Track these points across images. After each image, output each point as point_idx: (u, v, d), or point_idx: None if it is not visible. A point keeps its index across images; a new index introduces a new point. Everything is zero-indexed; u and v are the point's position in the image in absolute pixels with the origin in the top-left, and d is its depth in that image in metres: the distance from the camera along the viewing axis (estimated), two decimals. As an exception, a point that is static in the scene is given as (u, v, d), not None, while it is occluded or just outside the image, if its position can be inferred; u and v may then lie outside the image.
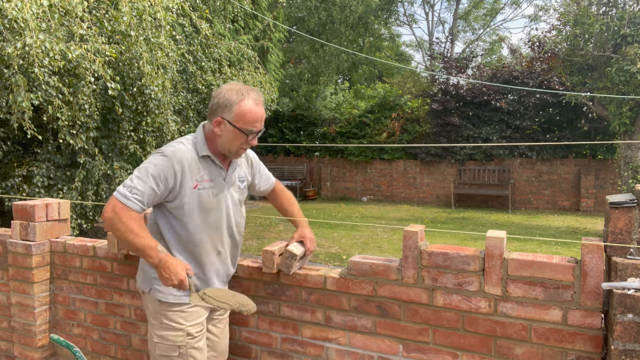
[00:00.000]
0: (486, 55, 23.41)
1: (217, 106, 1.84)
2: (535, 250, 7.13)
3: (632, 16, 8.65)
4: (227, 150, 1.89)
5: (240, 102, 1.81)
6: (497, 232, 1.80)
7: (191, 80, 8.23)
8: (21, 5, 4.41)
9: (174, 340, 1.90)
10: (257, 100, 1.85)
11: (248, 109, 1.82)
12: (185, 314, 1.92)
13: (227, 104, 1.82)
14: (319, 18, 16.53)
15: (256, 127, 1.85)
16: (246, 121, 1.82)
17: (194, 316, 1.93)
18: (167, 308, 1.92)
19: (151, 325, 1.97)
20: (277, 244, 2.21)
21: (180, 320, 1.91)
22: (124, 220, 1.73)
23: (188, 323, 1.92)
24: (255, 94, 1.86)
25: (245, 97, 1.82)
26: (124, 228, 1.73)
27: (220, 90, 1.85)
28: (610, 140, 10.55)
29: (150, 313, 1.98)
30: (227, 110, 1.82)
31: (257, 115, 1.84)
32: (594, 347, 1.65)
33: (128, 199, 1.75)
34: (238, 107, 1.81)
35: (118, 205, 1.75)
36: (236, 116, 1.81)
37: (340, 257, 6.80)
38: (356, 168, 13.82)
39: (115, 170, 6.48)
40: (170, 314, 1.91)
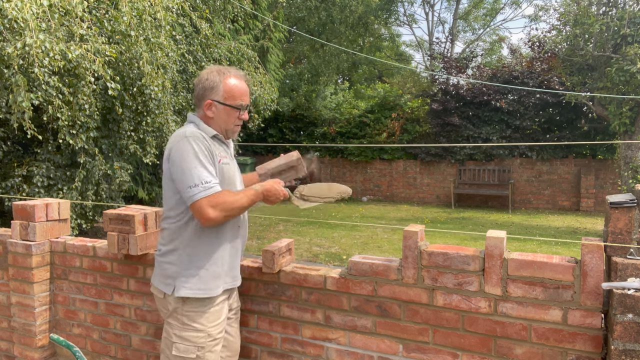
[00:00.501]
0: (486, 55, 23.41)
1: (204, 90, 1.90)
2: (535, 250, 7.13)
3: (632, 16, 8.65)
4: (223, 130, 1.95)
5: (224, 80, 1.89)
6: (497, 232, 1.80)
7: (191, 80, 8.23)
8: (21, 5, 4.41)
9: (195, 342, 1.87)
10: (238, 75, 1.93)
11: (234, 84, 1.90)
12: (207, 314, 1.89)
13: (213, 85, 1.88)
14: (319, 18, 16.53)
15: (244, 100, 1.93)
16: (234, 96, 1.90)
17: (214, 316, 1.91)
18: (189, 307, 1.88)
19: (170, 325, 1.92)
20: (277, 244, 2.20)
21: (203, 321, 1.88)
22: (227, 205, 1.79)
23: (210, 324, 1.90)
24: (235, 70, 1.94)
25: (226, 75, 1.90)
26: (231, 208, 1.81)
27: (201, 76, 1.92)
28: (610, 140, 10.55)
29: (169, 314, 1.92)
30: (215, 91, 1.89)
31: (243, 89, 1.92)
32: (594, 347, 1.65)
33: (211, 188, 1.77)
34: (224, 85, 1.88)
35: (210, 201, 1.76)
36: (224, 94, 1.89)
37: (340, 257, 6.80)
38: (356, 168, 13.82)
39: (115, 170, 6.48)
40: (192, 314, 1.88)
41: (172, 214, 1.91)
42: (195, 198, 1.75)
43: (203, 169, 1.78)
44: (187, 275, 1.88)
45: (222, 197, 1.78)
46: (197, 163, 1.78)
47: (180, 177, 1.79)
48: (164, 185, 1.92)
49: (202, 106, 1.91)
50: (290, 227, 9.18)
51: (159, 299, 1.96)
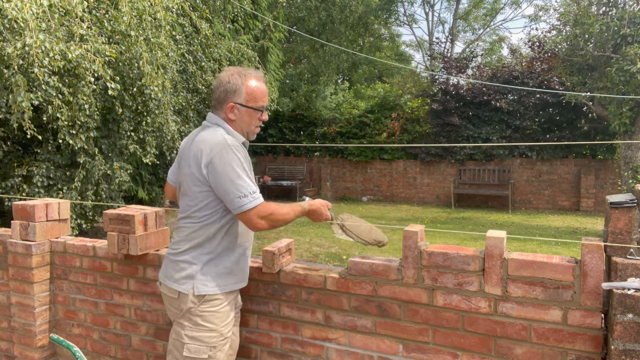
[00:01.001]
0: (486, 55, 23.42)
1: (226, 93, 1.91)
2: (535, 250, 7.13)
3: (632, 16, 8.65)
4: (245, 132, 1.98)
5: (246, 82, 1.92)
6: (497, 232, 1.80)
7: (191, 80, 8.24)
8: (21, 5, 4.41)
9: (207, 342, 1.89)
10: (258, 77, 1.97)
11: (255, 86, 1.93)
12: (219, 314, 1.91)
13: (235, 88, 1.91)
14: (319, 18, 16.53)
15: (265, 101, 1.98)
16: (256, 98, 1.93)
17: (225, 315, 1.94)
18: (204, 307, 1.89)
19: (181, 326, 1.92)
20: (277, 244, 2.20)
21: (216, 320, 1.90)
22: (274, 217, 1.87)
23: (221, 323, 1.92)
24: (254, 71, 1.98)
25: (248, 76, 1.93)
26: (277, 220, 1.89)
27: (222, 78, 1.93)
28: (610, 140, 10.55)
29: (182, 314, 1.93)
30: (237, 94, 1.91)
31: (263, 90, 1.97)
32: (594, 347, 1.65)
33: (258, 199, 1.84)
34: (246, 88, 1.91)
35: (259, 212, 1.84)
36: (247, 96, 1.91)
37: (340, 257, 6.80)
38: (356, 168, 13.82)
39: (115, 170, 6.48)
40: (206, 314, 1.89)
41: (198, 215, 1.91)
42: (245, 208, 1.82)
43: (249, 179, 1.85)
44: (207, 273, 1.90)
45: (270, 209, 1.86)
46: (243, 174, 1.83)
47: (227, 187, 1.82)
48: (192, 187, 1.90)
49: (223, 109, 1.93)
50: (290, 227, 9.19)
51: (172, 299, 1.95)
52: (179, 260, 1.93)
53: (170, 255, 1.98)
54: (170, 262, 1.97)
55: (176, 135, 7.14)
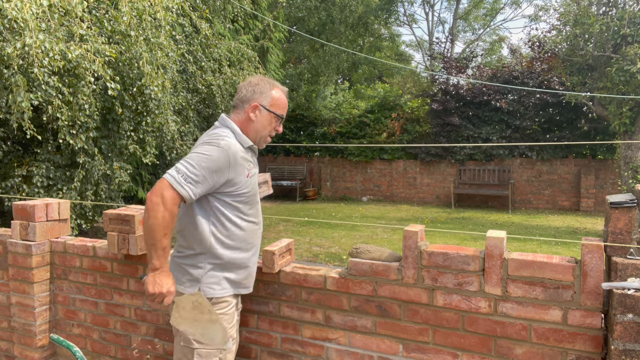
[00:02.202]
0: (486, 55, 23.42)
1: (253, 93, 1.98)
2: (535, 250, 7.13)
3: (632, 16, 8.65)
4: (258, 136, 2.01)
5: (273, 89, 2.02)
6: (497, 232, 1.80)
7: (191, 80, 8.23)
8: (21, 5, 4.41)
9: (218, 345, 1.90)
10: (283, 90, 2.08)
11: (279, 96, 2.03)
12: (226, 316, 1.93)
13: (263, 90, 1.99)
14: (318, 18, 16.52)
15: (284, 113, 2.06)
16: (279, 106, 2.02)
17: (231, 318, 1.96)
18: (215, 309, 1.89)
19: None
20: (277, 244, 2.20)
21: (224, 323, 1.91)
22: (165, 213, 1.71)
23: (229, 326, 1.93)
24: (280, 85, 2.09)
25: (275, 86, 2.04)
26: (160, 220, 1.71)
27: (250, 81, 2.02)
28: (610, 140, 10.54)
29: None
30: (264, 97, 1.98)
31: (285, 103, 2.06)
32: (594, 347, 1.65)
33: (181, 186, 1.73)
34: (272, 94, 2.00)
35: (168, 190, 1.72)
36: (272, 101, 1.99)
37: (340, 257, 6.80)
38: (356, 168, 13.81)
39: (114, 170, 6.48)
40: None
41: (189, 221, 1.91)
42: (167, 176, 1.74)
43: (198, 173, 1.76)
44: (213, 276, 1.90)
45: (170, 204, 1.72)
46: (199, 166, 1.76)
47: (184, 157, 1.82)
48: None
49: (245, 108, 1.97)
50: (290, 227, 9.18)
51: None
52: (185, 264, 1.92)
53: (176, 258, 1.97)
54: (176, 264, 1.96)
55: (176, 135, 7.14)
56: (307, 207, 12.01)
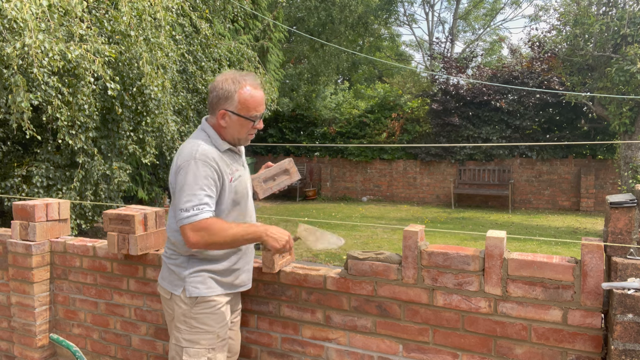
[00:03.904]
0: (486, 55, 23.41)
1: (218, 99, 1.85)
2: (535, 250, 7.13)
3: (632, 16, 8.65)
4: (236, 139, 1.92)
5: (239, 90, 1.83)
6: (497, 232, 1.80)
7: (191, 80, 8.23)
8: (20, 5, 4.41)
9: (205, 344, 1.89)
10: (254, 84, 1.86)
11: (249, 94, 1.84)
12: (215, 316, 1.91)
13: (227, 95, 1.83)
14: (318, 18, 16.53)
15: (259, 110, 1.88)
16: (249, 107, 1.85)
17: (221, 317, 1.93)
18: (199, 309, 1.89)
19: (177, 329, 1.92)
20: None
21: (212, 322, 1.90)
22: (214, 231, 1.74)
23: (218, 325, 1.92)
24: (251, 78, 1.87)
25: (242, 84, 1.84)
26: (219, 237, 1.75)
27: (216, 83, 1.86)
28: (610, 140, 10.55)
29: (177, 317, 1.93)
30: (229, 101, 1.83)
31: (258, 100, 1.86)
32: (594, 347, 1.65)
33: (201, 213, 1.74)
34: (239, 96, 1.83)
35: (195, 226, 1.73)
36: (239, 105, 1.83)
37: (340, 257, 6.80)
38: (356, 168, 13.81)
39: (114, 170, 6.48)
40: (201, 316, 1.90)
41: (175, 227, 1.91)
42: (183, 223, 1.75)
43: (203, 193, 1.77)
44: (197, 276, 1.91)
45: (207, 223, 1.74)
46: (200, 188, 1.76)
47: (178, 199, 1.79)
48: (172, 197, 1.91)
49: (215, 114, 1.88)
50: (290, 227, 9.18)
51: (165, 299, 1.99)
52: (170, 263, 1.96)
53: (164, 257, 2.01)
54: (165, 263, 2.00)
55: (176, 136, 7.14)
56: (307, 207, 12.01)
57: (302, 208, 11.91)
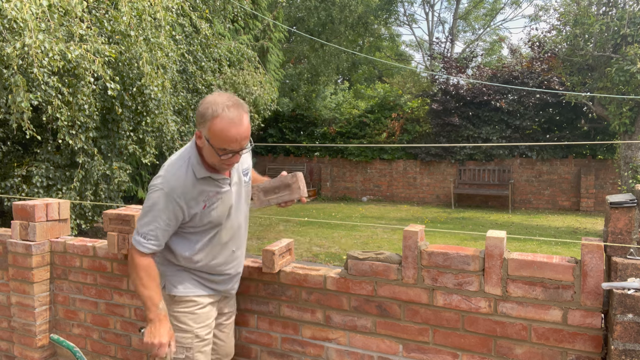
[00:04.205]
0: (486, 55, 23.41)
1: (198, 117, 1.74)
2: (535, 250, 7.13)
3: (632, 16, 8.65)
4: (212, 163, 1.79)
5: (213, 119, 1.67)
6: (497, 232, 1.80)
7: (191, 80, 8.23)
8: (20, 5, 4.41)
9: (182, 342, 1.90)
10: (233, 118, 1.67)
11: (220, 128, 1.66)
12: (194, 315, 1.92)
13: (203, 118, 1.70)
14: (318, 18, 16.53)
15: (232, 147, 1.70)
16: (220, 139, 1.68)
17: (202, 318, 1.93)
18: (177, 307, 1.92)
19: None
20: (277, 244, 2.20)
21: (190, 322, 1.91)
22: (137, 269, 1.81)
23: (197, 325, 1.92)
24: (233, 111, 1.67)
25: (219, 113, 1.66)
26: (136, 276, 1.81)
27: (203, 100, 1.75)
28: (610, 140, 10.55)
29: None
30: (203, 125, 1.71)
31: (229, 136, 1.67)
32: (594, 347, 1.65)
33: (142, 245, 1.80)
34: (211, 124, 1.67)
35: (134, 251, 1.82)
36: (210, 133, 1.69)
37: (340, 257, 6.80)
38: (356, 168, 13.82)
39: (114, 170, 6.48)
40: (179, 314, 1.91)
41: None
42: (132, 240, 1.83)
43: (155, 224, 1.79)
44: (173, 275, 1.95)
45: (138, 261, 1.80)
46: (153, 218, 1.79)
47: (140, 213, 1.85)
48: None
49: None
50: (290, 227, 9.18)
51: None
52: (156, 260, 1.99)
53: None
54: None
55: (176, 136, 7.14)
56: (307, 207, 12.01)
57: (302, 208, 11.91)
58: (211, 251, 1.93)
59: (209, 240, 1.91)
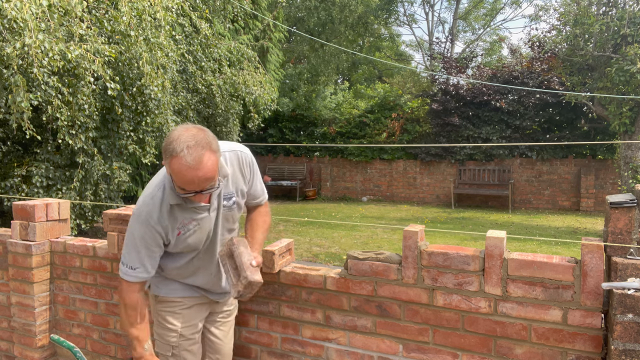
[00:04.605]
0: (486, 55, 23.40)
1: (162, 150, 1.65)
2: (535, 250, 7.13)
3: (632, 16, 8.65)
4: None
5: (172, 158, 1.58)
6: (497, 232, 1.80)
7: (191, 80, 8.23)
8: (20, 5, 4.41)
9: (167, 340, 1.92)
10: (190, 162, 1.55)
11: (177, 169, 1.58)
12: (178, 315, 1.93)
13: (165, 154, 1.62)
14: (318, 18, 16.54)
15: (188, 188, 1.61)
16: (176, 180, 1.62)
17: (186, 318, 1.94)
18: (162, 306, 1.94)
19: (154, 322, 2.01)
20: (277, 244, 2.20)
21: (174, 321, 1.92)
22: (127, 308, 1.81)
23: (180, 324, 1.92)
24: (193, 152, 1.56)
25: (177, 154, 1.56)
26: (125, 314, 1.82)
27: (170, 133, 1.65)
28: (610, 140, 10.55)
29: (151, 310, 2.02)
30: (165, 161, 1.63)
31: (186, 179, 1.58)
32: (594, 347, 1.65)
33: (128, 275, 1.79)
34: (170, 162, 1.59)
35: (122, 283, 1.81)
36: (170, 170, 1.62)
37: (340, 257, 6.80)
38: (356, 168, 13.81)
39: (114, 170, 6.48)
40: (164, 313, 1.93)
41: None
42: (120, 274, 1.82)
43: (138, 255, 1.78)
44: (158, 277, 1.96)
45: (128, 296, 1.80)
46: (136, 249, 1.77)
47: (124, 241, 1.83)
48: None
49: None
50: (290, 227, 9.18)
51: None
52: None
53: None
54: None
55: (176, 135, 7.12)
56: (307, 207, 12.01)
57: (302, 208, 11.91)
58: (192, 272, 1.93)
59: (188, 262, 1.90)
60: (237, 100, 9.32)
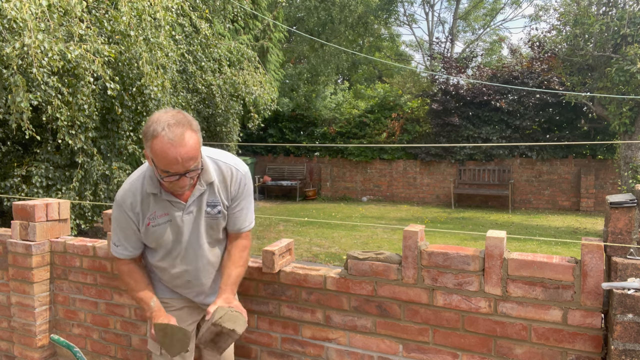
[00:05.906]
0: (486, 55, 23.40)
1: (143, 135, 1.64)
2: (535, 250, 7.13)
3: (632, 16, 8.65)
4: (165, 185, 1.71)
5: (153, 139, 1.57)
6: (497, 232, 1.80)
7: (191, 80, 8.23)
8: (20, 5, 4.41)
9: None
10: (173, 139, 1.55)
11: (159, 148, 1.56)
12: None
13: (146, 137, 1.61)
14: (318, 18, 16.54)
15: (174, 169, 1.59)
16: (159, 161, 1.59)
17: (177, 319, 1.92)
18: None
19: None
20: (277, 244, 2.20)
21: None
22: (122, 276, 1.92)
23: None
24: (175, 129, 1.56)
25: (159, 133, 1.56)
26: (123, 283, 1.94)
27: (149, 117, 1.64)
28: (610, 140, 10.55)
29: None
30: (146, 145, 1.61)
31: (169, 158, 1.56)
32: (594, 347, 1.65)
33: (115, 251, 1.90)
34: (152, 144, 1.58)
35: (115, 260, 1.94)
36: (152, 153, 1.60)
37: (340, 257, 6.80)
38: (356, 168, 13.81)
39: (113, 170, 6.47)
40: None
41: None
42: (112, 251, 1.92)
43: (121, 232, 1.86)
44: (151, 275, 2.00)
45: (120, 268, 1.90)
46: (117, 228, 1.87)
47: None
48: None
49: None
50: (290, 227, 9.18)
51: None
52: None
53: None
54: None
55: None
56: (307, 207, 12.00)
57: (302, 208, 11.91)
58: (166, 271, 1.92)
59: (162, 260, 1.90)
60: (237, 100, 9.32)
